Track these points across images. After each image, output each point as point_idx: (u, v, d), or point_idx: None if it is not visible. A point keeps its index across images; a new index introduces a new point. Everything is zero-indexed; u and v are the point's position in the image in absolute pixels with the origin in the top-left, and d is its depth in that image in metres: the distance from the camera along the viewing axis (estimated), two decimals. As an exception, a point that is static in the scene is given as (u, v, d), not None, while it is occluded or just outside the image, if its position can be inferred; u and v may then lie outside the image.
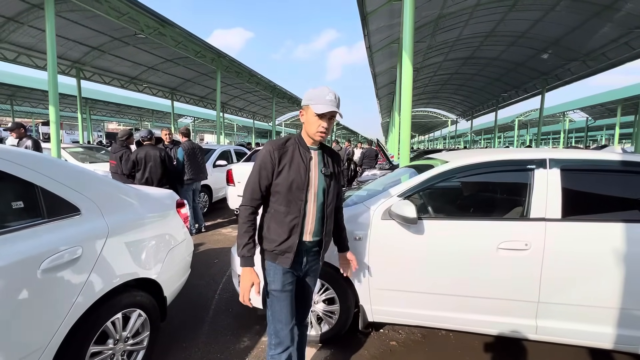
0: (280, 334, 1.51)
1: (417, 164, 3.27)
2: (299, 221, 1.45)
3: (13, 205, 1.39)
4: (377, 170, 8.57)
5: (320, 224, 1.53)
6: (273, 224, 1.48)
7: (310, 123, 1.44)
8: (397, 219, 2.07)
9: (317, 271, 1.69)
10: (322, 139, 1.48)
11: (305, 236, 1.50)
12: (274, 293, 1.51)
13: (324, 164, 1.53)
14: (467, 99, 27.42)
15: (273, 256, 1.49)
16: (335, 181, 1.58)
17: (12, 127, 5.33)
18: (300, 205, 1.45)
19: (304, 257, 1.55)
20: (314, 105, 1.40)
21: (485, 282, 2.02)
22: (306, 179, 1.45)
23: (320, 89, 1.42)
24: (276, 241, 1.47)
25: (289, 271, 1.52)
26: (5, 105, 25.94)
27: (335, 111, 1.40)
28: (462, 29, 12.30)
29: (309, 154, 1.49)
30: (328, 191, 1.52)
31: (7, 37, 11.84)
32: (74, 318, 1.50)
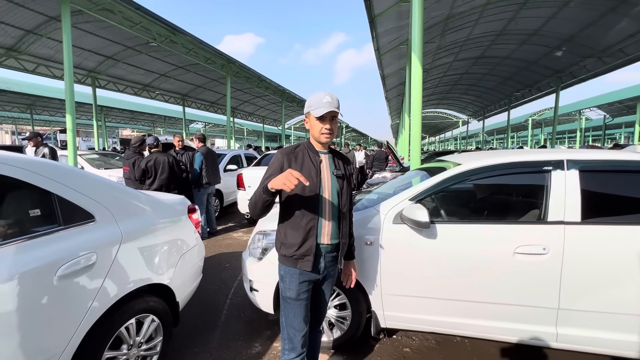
0: (293, 340, 1.54)
1: (429, 166, 3.22)
2: (314, 223, 1.47)
3: (31, 213, 1.43)
4: (387, 172, 8.50)
5: (336, 226, 1.55)
6: (289, 230, 1.51)
7: (314, 127, 1.50)
8: (409, 223, 2.03)
9: (334, 276, 1.68)
10: (327, 139, 1.51)
11: (322, 239, 1.51)
12: (288, 300, 1.54)
13: (335, 166, 1.57)
14: (478, 99, 26.98)
15: (293, 261, 1.51)
16: (348, 183, 1.60)
17: (29, 136, 5.62)
18: (314, 208, 1.48)
19: (322, 261, 1.55)
20: (314, 110, 1.45)
21: (501, 287, 1.96)
22: (318, 180, 1.48)
23: (318, 95, 1.47)
24: (294, 245, 1.48)
25: (306, 280, 1.53)
26: (25, 114, 26.89)
27: (334, 111, 1.44)
28: (472, 28, 12.13)
29: (319, 157, 1.53)
30: (342, 192, 1.54)
31: (27, 49, 12.29)
32: (90, 323, 1.53)
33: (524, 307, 1.96)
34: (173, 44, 11.53)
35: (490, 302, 1.99)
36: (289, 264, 1.52)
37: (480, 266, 1.98)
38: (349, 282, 1.79)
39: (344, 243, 1.60)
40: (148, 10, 9.06)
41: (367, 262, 2.17)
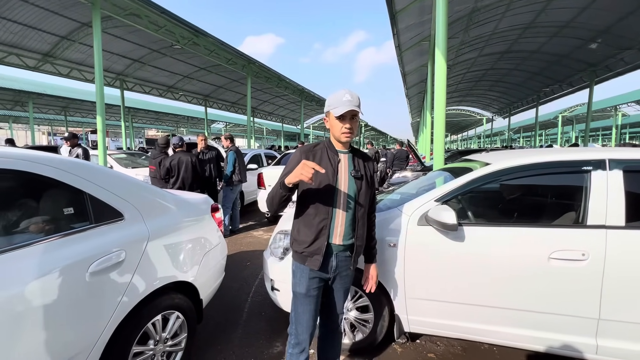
0: (300, 336, 1.57)
1: (454, 166, 3.11)
2: (327, 223, 1.47)
3: (65, 211, 1.48)
4: (408, 172, 8.33)
5: (351, 228, 1.52)
6: (302, 227, 1.52)
7: (334, 127, 1.48)
8: (435, 225, 1.96)
9: (348, 277, 1.64)
10: (348, 139, 1.48)
11: (334, 239, 1.50)
12: (298, 296, 1.56)
13: (354, 166, 1.53)
14: (504, 95, 25.96)
15: (302, 258, 1.52)
16: (367, 185, 1.56)
17: (67, 137, 6.00)
18: (328, 207, 1.47)
19: (333, 260, 1.54)
20: (334, 109, 1.43)
21: (535, 294, 1.85)
22: (334, 180, 1.47)
23: (338, 93, 1.45)
24: (305, 243, 1.49)
25: (316, 277, 1.53)
26: (60, 115, 28.52)
27: (354, 110, 1.41)
28: (498, 22, 11.66)
29: (337, 157, 1.51)
30: (359, 194, 1.52)
31: (61, 54, 13.00)
32: (119, 318, 1.57)
33: (560, 315, 1.84)
34: (196, 45, 11.84)
35: (523, 310, 1.89)
36: (299, 260, 1.54)
37: (512, 271, 1.88)
38: (370, 287, 1.74)
39: (359, 245, 1.56)
40: (172, 14, 9.34)
41: (390, 265, 2.12)
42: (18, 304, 1.21)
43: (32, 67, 13.20)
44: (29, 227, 1.36)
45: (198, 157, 5.05)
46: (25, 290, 1.24)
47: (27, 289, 1.24)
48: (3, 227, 1.31)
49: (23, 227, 1.35)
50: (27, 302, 1.23)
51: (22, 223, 1.36)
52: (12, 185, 1.39)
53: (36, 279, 1.27)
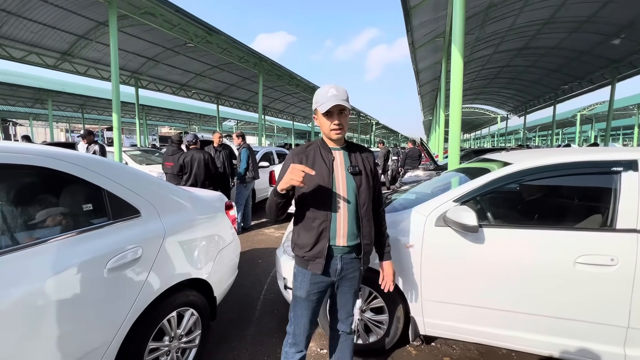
0: (297, 337, 1.55)
1: (470, 166, 3.03)
2: (327, 225, 1.41)
3: (83, 208, 1.49)
4: (420, 171, 8.21)
5: (355, 227, 1.46)
6: (302, 231, 1.47)
7: (323, 124, 1.43)
8: (454, 226, 1.90)
9: (356, 279, 1.56)
10: (338, 135, 1.43)
11: (337, 240, 1.44)
12: (298, 299, 1.53)
13: (350, 162, 1.48)
14: (519, 93, 25.30)
15: (304, 262, 1.48)
16: (368, 179, 1.49)
17: (83, 134, 6.12)
18: (326, 209, 1.41)
19: (337, 263, 1.48)
20: (320, 105, 1.38)
21: (559, 300, 1.78)
22: (330, 180, 1.41)
23: (323, 89, 1.40)
24: (306, 247, 1.45)
25: (319, 281, 1.49)
26: (77, 113, 29.27)
27: (341, 104, 1.35)
28: (516, 17, 11.34)
29: (331, 155, 1.46)
30: (359, 191, 1.45)
31: (79, 53, 13.31)
32: (136, 314, 1.58)
33: (585, 323, 1.76)
34: (209, 44, 11.93)
35: (545, 316, 1.82)
36: (301, 264, 1.50)
37: (534, 275, 1.80)
38: (387, 286, 1.66)
39: (367, 244, 1.49)
40: (186, 12, 9.42)
41: (407, 266, 2.07)
42: (38, 298, 1.22)
43: (51, 65, 13.55)
44: (48, 222, 1.38)
45: (211, 155, 5.07)
46: (45, 285, 1.25)
47: (47, 284, 1.25)
48: (23, 222, 1.32)
49: (42, 222, 1.36)
50: (47, 297, 1.24)
51: (42, 219, 1.37)
52: (32, 181, 1.41)
53: (56, 274, 1.28)
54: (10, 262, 1.19)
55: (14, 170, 1.30)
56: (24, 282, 1.20)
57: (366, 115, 34.59)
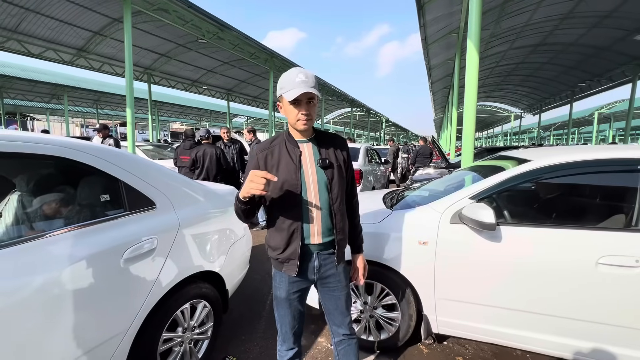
0: (285, 335, 1.51)
1: (484, 164, 2.96)
2: (298, 226, 1.32)
3: (101, 198, 1.51)
4: (431, 169, 8.11)
5: (329, 222, 1.36)
6: (273, 232, 1.40)
7: (289, 113, 1.28)
8: (470, 223, 1.86)
9: (340, 275, 1.45)
10: (306, 127, 1.29)
11: (312, 239, 1.36)
12: (278, 299, 1.47)
13: (320, 155, 1.36)
14: (534, 90, 24.71)
15: (278, 264, 1.43)
16: (340, 172, 1.38)
17: (99, 128, 6.21)
18: (297, 208, 1.32)
19: (314, 261, 1.39)
20: (287, 92, 1.23)
21: (579, 301, 1.73)
22: (298, 177, 1.30)
23: (290, 73, 1.25)
24: (278, 249, 1.37)
25: (297, 281, 1.42)
26: (92, 108, 29.92)
27: (310, 92, 1.21)
28: (533, 12, 11.04)
29: (298, 150, 1.33)
30: (331, 185, 1.35)
31: (94, 49, 13.57)
32: (150, 305, 1.60)
33: (606, 325, 1.71)
34: (220, 40, 12.00)
35: (563, 317, 1.77)
36: (276, 266, 1.45)
37: (553, 275, 1.75)
38: (359, 279, 1.57)
39: (341, 239, 1.40)
40: (199, 8, 9.48)
41: (420, 263, 2.04)
42: (56, 287, 1.24)
43: (67, 61, 13.86)
44: (67, 212, 1.40)
45: (222, 150, 5.11)
46: (64, 274, 1.27)
47: (65, 273, 1.27)
48: (43, 212, 1.35)
49: (62, 212, 1.39)
50: (65, 286, 1.26)
51: (61, 208, 1.39)
52: (51, 172, 1.44)
53: (74, 263, 1.30)
54: (30, 251, 1.21)
55: (34, 160, 1.33)
56: (43, 270, 1.22)
57: (376, 112, 34.33)
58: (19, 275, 1.15)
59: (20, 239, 1.21)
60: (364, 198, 2.98)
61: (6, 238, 1.19)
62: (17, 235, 1.24)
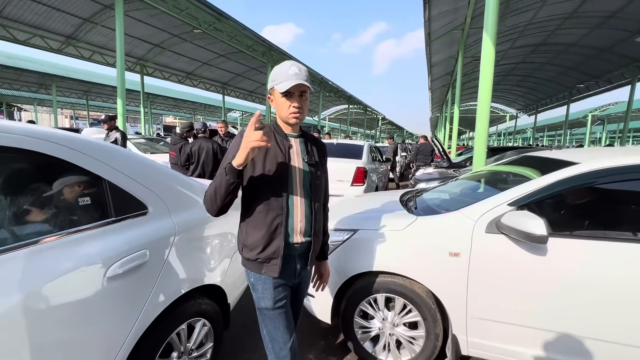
0: (280, 353, 1.32)
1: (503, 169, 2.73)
2: (282, 220, 1.23)
3: (80, 202, 1.22)
4: (432, 168, 7.91)
5: (309, 222, 1.30)
6: (252, 229, 1.26)
7: (281, 106, 1.24)
8: (513, 234, 1.62)
9: (307, 279, 1.50)
10: (297, 120, 1.25)
11: (294, 237, 1.27)
12: (265, 312, 1.31)
13: (307, 152, 1.33)
14: (531, 91, 24.74)
15: (257, 266, 1.27)
16: (323, 173, 1.39)
17: (104, 119, 5.43)
18: (282, 201, 1.23)
19: (296, 263, 1.32)
20: (279, 84, 1.20)
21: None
22: (287, 169, 1.24)
23: (283, 65, 1.23)
24: (258, 247, 1.24)
25: (281, 284, 1.30)
26: (82, 99, 29.02)
27: (303, 84, 1.18)
28: (537, 10, 10.87)
29: (288, 142, 1.28)
30: (315, 183, 1.31)
31: (84, 37, 13.01)
32: (141, 330, 1.33)
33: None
34: (217, 31, 11.58)
35: (624, 344, 1.54)
36: (254, 269, 1.29)
37: (613, 295, 1.53)
38: (320, 287, 1.56)
39: (316, 242, 1.35)
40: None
41: (450, 276, 1.80)
42: (21, 315, 0.96)
43: (55, 49, 13.27)
44: (35, 220, 1.11)
45: (220, 145, 4.81)
46: (31, 298, 0.99)
47: (33, 296, 1.00)
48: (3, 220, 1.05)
49: (28, 220, 1.10)
50: (34, 313, 0.99)
51: (27, 216, 1.10)
52: (15, 169, 1.14)
53: (45, 283, 1.03)
54: (-17, 271, 0.92)
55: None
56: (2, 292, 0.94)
57: (372, 109, 34.13)
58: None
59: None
60: (378, 200, 2.73)
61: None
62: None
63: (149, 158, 1.71)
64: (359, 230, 2.08)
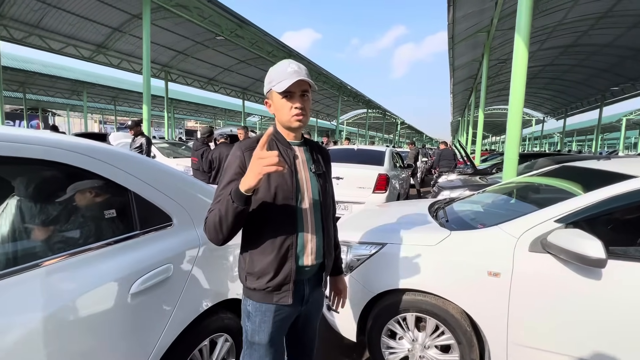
0: None
1: (544, 179, 2.54)
2: (292, 241, 1.09)
3: (106, 215, 1.19)
4: (454, 174, 7.63)
5: (321, 241, 1.16)
6: (258, 255, 1.09)
7: (281, 109, 1.09)
8: (564, 255, 1.47)
9: (320, 301, 1.30)
10: (300, 123, 1.09)
11: (306, 259, 1.12)
12: (256, 347, 1.15)
13: (313, 161, 1.19)
14: (560, 94, 23.66)
15: (266, 296, 1.10)
16: (331, 182, 1.27)
17: (130, 125, 5.62)
18: (292, 220, 1.09)
19: (305, 288, 1.17)
20: (277, 84, 1.06)
21: None
22: (294, 183, 1.09)
23: (280, 65, 1.10)
24: (267, 274, 1.08)
25: (285, 316, 1.15)
26: (109, 105, 30.35)
27: (304, 81, 1.05)
28: (569, 10, 10.38)
29: (292, 152, 1.13)
30: (324, 195, 1.18)
31: (113, 45, 13.59)
32: (164, 348, 1.28)
33: None
34: (239, 38, 11.79)
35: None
36: (262, 299, 1.11)
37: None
38: (340, 304, 1.42)
39: (329, 259, 1.21)
40: (219, 3, 9.29)
41: (488, 298, 1.66)
42: (42, 334, 0.92)
43: (87, 57, 13.93)
44: (62, 233, 1.08)
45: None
46: (54, 316, 0.95)
47: (56, 314, 0.96)
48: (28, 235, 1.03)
49: (55, 234, 1.07)
50: (55, 332, 0.95)
51: (55, 229, 1.07)
52: (38, 181, 1.11)
53: (68, 301, 0.99)
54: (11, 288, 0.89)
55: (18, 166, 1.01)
56: (22, 312, 0.90)
57: (391, 114, 33.75)
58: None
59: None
60: (405, 210, 2.61)
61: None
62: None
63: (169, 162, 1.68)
64: (387, 244, 1.97)
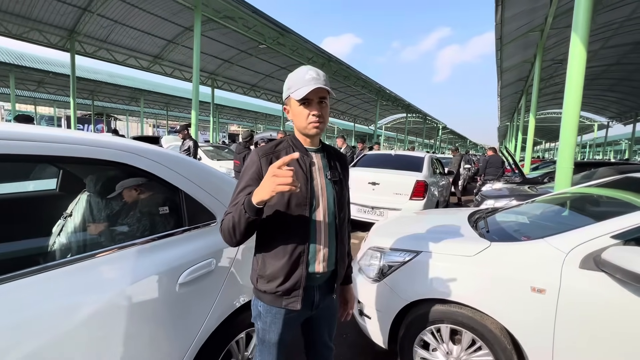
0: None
1: (602, 190, 2.32)
2: (304, 248, 1.10)
3: (160, 211, 1.33)
4: (500, 183, 7.17)
5: (334, 248, 1.17)
6: (270, 259, 1.12)
7: (298, 116, 1.10)
8: (620, 274, 1.34)
9: (332, 308, 1.30)
10: (317, 130, 1.10)
11: (317, 266, 1.13)
12: (266, 345, 1.19)
13: (329, 167, 1.19)
14: (628, 96, 21.20)
15: (275, 299, 1.13)
16: (347, 190, 1.26)
17: (179, 129, 6.04)
18: (305, 227, 1.10)
19: (315, 294, 1.19)
20: (295, 91, 1.07)
21: None
22: (308, 190, 1.10)
23: (298, 71, 1.11)
24: (277, 279, 1.10)
25: (294, 318, 1.18)
26: (162, 110, 33.01)
27: (322, 89, 1.05)
28: (638, 4, 9.33)
29: (309, 158, 1.14)
30: (339, 202, 1.18)
31: (167, 56, 14.82)
32: (206, 335, 1.39)
33: None
34: (280, 45, 12.23)
35: None
36: (271, 302, 1.14)
37: None
38: (348, 315, 1.41)
39: (342, 267, 1.22)
40: (263, 13, 9.75)
41: (533, 316, 1.57)
42: (106, 312, 1.06)
43: (145, 67, 15.33)
44: (123, 226, 1.23)
45: (279, 155, 5.00)
46: (114, 298, 1.09)
47: (116, 297, 1.10)
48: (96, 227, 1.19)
49: (118, 226, 1.23)
50: (115, 312, 1.09)
51: (117, 222, 1.23)
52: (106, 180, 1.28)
53: (127, 286, 1.13)
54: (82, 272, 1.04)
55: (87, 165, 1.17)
56: (94, 292, 1.05)
57: (432, 118, 32.61)
58: (69, 295, 0.99)
59: (70, 258, 1.06)
60: (443, 219, 2.53)
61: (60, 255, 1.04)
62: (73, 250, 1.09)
63: (213, 164, 1.81)
64: (421, 252, 1.94)
